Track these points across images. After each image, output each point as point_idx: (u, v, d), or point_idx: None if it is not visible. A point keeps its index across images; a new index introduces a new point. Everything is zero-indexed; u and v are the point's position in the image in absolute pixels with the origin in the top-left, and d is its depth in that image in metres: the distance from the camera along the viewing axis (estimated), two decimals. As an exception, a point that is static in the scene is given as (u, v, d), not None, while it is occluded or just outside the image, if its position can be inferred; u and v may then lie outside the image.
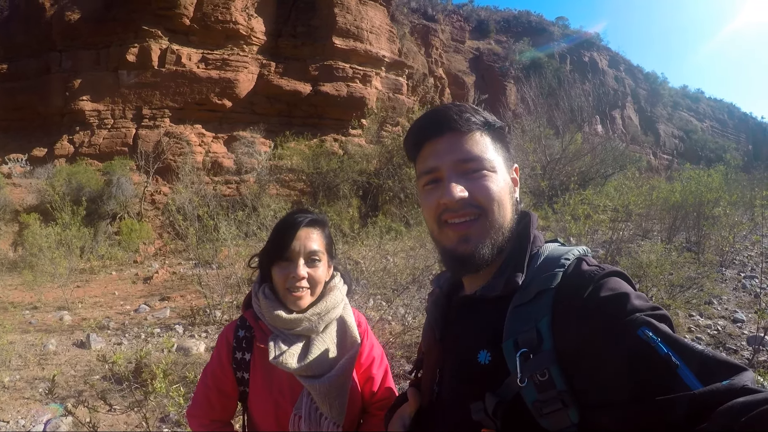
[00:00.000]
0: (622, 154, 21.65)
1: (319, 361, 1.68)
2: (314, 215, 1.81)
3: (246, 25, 23.26)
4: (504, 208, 1.11)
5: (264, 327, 1.74)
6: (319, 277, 1.74)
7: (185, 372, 5.10)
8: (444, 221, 1.12)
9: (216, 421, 1.83)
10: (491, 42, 55.85)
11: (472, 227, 1.09)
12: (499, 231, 1.10)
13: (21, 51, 23.69)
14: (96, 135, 20.89)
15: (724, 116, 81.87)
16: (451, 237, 1.12)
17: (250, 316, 1.78)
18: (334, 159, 19.38)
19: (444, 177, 1.12)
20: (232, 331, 1.81)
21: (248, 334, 1.78)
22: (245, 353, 1.76)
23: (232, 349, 1.78)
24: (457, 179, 1.10)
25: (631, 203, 10.74)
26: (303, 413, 1.66)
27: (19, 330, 8.02)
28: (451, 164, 1.11)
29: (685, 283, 7.75)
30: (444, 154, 1.13)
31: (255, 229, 9.70)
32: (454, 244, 1.11)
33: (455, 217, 1.10)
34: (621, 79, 64.44)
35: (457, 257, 1.12)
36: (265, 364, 1.69)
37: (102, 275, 12.99)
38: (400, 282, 7.24)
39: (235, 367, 1.76)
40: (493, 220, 1.10)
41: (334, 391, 1.66)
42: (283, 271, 1.69)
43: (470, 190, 1.09)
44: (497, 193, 1.10)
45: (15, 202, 17.28)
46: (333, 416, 1.67)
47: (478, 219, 1.09)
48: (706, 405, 0.72)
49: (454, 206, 1.09)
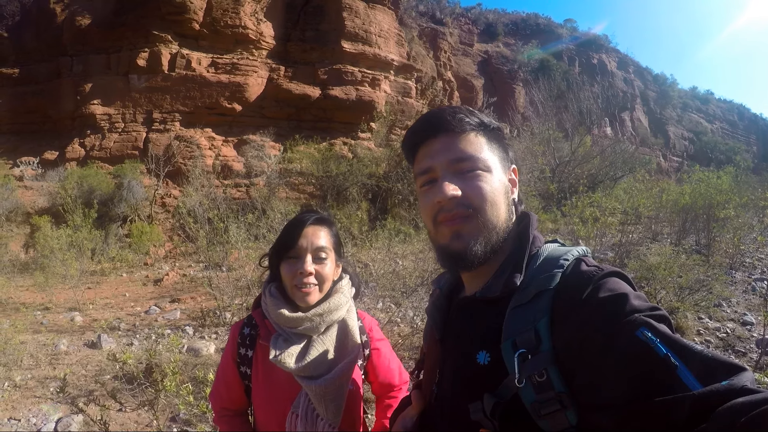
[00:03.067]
0: (632, 156, 21.60)
1: (318, 363, 1.70)
2: (321, 214, 1.86)
3: (255, 30, 23.32)
4: (497, 208, 1.12)
5: (269, 326, 1.78)
6: (327, 273, 1.77)
7: (195, 372, 5.14)
8: (439, 221, 1.13)
9: (225, 409, 1.90)
10: (500, 45, 55.64)
11: (464, 224, 1.10)
12: (492, 230, 1.11)
13: (32, 55, 23.86)
14: (107, 138, 20.99)
15: (734, 117, 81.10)
16: (445, 234, 1.13)
17: (258, 315, 1.84)
18: (344, 162, 19.39)
19: (438, 177, 1.14)
20: (239, 328, 1.87)
21: (253, 332, 1.84)
22: (248, 350, 1.81)
23: (237, 344, 1.84)
24: (450, 178, 1.11)
25: (641, 206, 10.70)
26: (300, 412, 1.69)
27: (30, 330, 8.08)
28: (445, 164, 1.13)
29: (694, 285, 7.72)
30: (438, 154, 1.15)
31: (265, 232, 9.72)
32: (447, 240, 1.13)
33: (449, 215, 1.11)
34: (630, 80, 64.08)
35: (451, 254, 1.13)
36: (266, 362, 1.73)
37: (113, 277, 13.06)
38: (408, 284, 7.25)
39: (239, 362, 1.82)
40: (485, 220, 1.10)
41: (331, 393, 1.68)
42: (291, 268, 1.73)
43: (463, 189, 1.10)
44: (490, 193, 1.11)
45: (26, 205, 17.39)
46: (329, 418, 1.69)
47: (470, 217, 1.10)
48: (706, 405, 0.71)
49: (448, 205, 1.10)
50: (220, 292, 8.71)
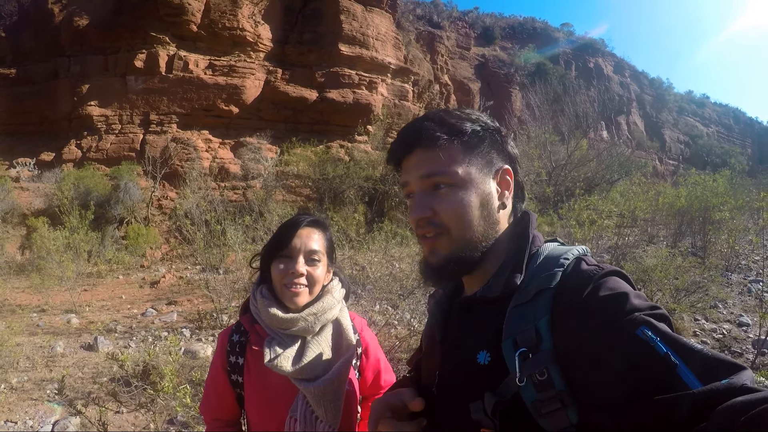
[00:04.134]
0: (628, 159, 21.63)
1: (314, 364, 1.68)
2: (317, 217, 1.85)
3: (253, 32, 23.36)
4: (468, 223, 1.10)
5: (260, 330, 1.75)
6: (318, 276, 1.76)
7: (192, 375, 5.14)
8: (419, 236, 1.16)
9: (217, 419, 1.86)
10: (496, 48, 55.83)
11: (436, 242, 1.12)
12: (466, 245, 1.11)
13: (29, 56, 23.86)
14: (104, 140, 20.99)
15: (729, 121, 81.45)
16: (425, 249, 1.15)
17: (246, 321, 1.80)
18: (340, 165, 19.44)
19: (414, 192, 1.15)
20: (227, 336, 1.84)
21: (242, 339, 1.80)
22: (238, 357, 1.78)
23: (227, 352, 1.80)
24: (422, 197, 1.12)
25: (637, 208, 10.72)
26: (298, 416, 1.67)
27: (26, 332, 8.06)
28: (417, 180, 1.13)
29: (690, 287, 7.75)
30: (412, 170, 1.14)
31: (262, 234, 9.72)
32: (426, 255, 1.15)
33: (422, 232, 1.14)
34: (626, 84, 64.30)
35: (429, 268, 1.15)
36: (260, 368, 1.69)
37: (109, 279, 13.05)
38: (405, 287, 7.25)
39: (229, 371, 1.78)
40: (456, 236, 1.10)
41: (329, 394, 1.66)
42: (283, 267, 1.71)
43: (434, 208, 1.10)
44: (460, 210, 1.10)
45: (23, 206, 17.37)
46: (328, 419, 1.67)
47: (441, 234, 1.11)
48: (706, 404, 0.71)
49: (420, 223, 1.13)
50: (217, 295, 8.71)
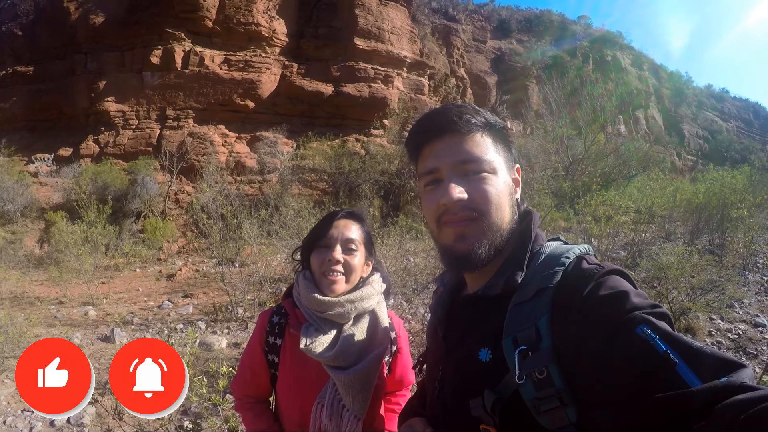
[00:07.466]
0: (646, 154, 21.44)
1: (348, 353, 1.70)
2: (354, 210, 1.94)
3: (268, 27, 23.38)
4: (502, 210, 1.12)
5: (300, 315, 1.80)
6: (355, 265, 1.80)
7: (207, 366, 5.19)
8: (444, 222, 1.13)
9: (249, 396, 1.92)
10: (513, 42, 55.18)
11: (469, 227, 1.10)
12: (496, 233, 1.11)
13: (46, 53, 24.08)
14: (121, 135, 21.15)
15: (749, 116, 79.98)
16: (450, 235, 1.13)
17: (288, 305, 1.87)
18: (356, 159, 19.50)
19: (444, 178, 1.13)
20: (268, 316, 1.89)
21: (282, 321, 1.85)
22: (277, 338, 1.82)
23: (266, 333, 1.85)
24: (456, 180, 1.11)
25: (654, 205, 10.63)
26: (326, 403, 1.69)
27: (45, 324, 8.21)
28: (450, 165, 1.12)
29: (706, 286, 7.65)
30: (444, 155, 1.14)
31: (277, 228, 9.77)
32: (451, 242, 1.13)
33: (454, 218, 1.11)
34: (644, 78, 63.30)
35: (455, 255, 1.13)
36: (295, 351, 1.73)
37: (126, 272, 13.20)
38: (419, 281, 7.27)
39: (266, 350, 1.83)
40: (490, 223, 1.10)
41: (359, 383, 1.68)
42: (321, 256, 1.78)
43: (469, 192, 1.10)
44: (495, 196, 1.11)
45: (41, 201, 17.61)
46: (355, 409, 1.69)
47: (475, 220, 1.10)
48: (705, 402, 0.72)
49: (453, 208, 1.10)
50: (233, 288, 8.78)
